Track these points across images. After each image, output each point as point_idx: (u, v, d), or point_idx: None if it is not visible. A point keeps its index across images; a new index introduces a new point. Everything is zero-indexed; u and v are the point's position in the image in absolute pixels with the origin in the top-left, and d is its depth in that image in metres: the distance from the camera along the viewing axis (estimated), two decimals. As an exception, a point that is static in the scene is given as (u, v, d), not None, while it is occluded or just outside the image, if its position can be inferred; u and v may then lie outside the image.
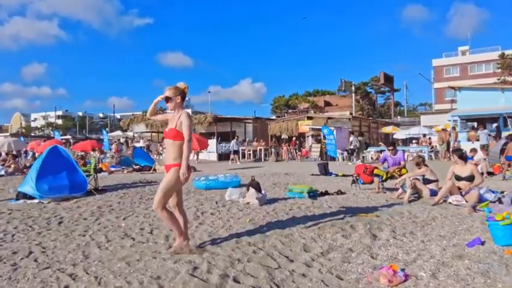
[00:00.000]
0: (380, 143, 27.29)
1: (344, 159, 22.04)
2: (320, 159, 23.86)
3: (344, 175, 12.92)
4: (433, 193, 7.34)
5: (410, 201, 7.20)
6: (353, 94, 49.84)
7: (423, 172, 7.53)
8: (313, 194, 7.68)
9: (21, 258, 4.26)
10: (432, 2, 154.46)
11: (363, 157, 23.36)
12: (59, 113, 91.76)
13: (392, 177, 8.56)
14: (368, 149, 25.35)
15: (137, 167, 17.61)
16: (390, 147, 8.79)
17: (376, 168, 8.84)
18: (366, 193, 8.37)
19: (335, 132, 20.47)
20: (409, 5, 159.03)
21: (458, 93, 23.17)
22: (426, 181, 7.53)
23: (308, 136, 27.85)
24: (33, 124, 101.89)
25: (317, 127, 27.35)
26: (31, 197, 8.35)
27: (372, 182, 8.78)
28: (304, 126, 28.90)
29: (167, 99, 4.06)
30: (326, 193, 8.05)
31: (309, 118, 30.08)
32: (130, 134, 37.73)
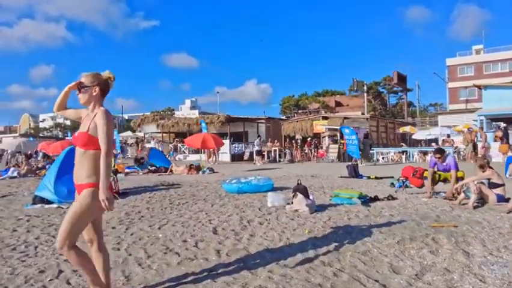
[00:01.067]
0: (402, 143, 26.41)
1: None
2: (337, 160, 23.04)
3: (376, 177, 12.09)
4: (500, 199, 6.53)
5: (474, 208, 6.39)
6: (365, 94, 48.92)
7: (489, 175, 6.71)
8: (365, 200, 6.88)
9: (50, 280, 3.53)
10: (439, 1, 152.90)
11: (377, 159, 22.52)
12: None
13: (445, 180, 7.73)
14: (388, 150, 24.50)
15: (153, 168, 16.91)
16: (438, 155, 7.75)
17: (426, 170, 8.02)
18: (418, 198, 7.54)
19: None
20: (420, 5, 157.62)
21: (483, 91, 22.22)
22: (491, 185, 6.71)
23: (324, 136, 27.00)
24: (41, 125, 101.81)
25: (334, 127, 26.51)
26: (49, 202, 7.63)
27: (422, 186, 7.95)
28: (320, 126, 28.05)
29: (80, 87, 2.86)
30: (376, 198, 7.24)
31: (325, 118, 29.23)
32: (140, 134, 37.06)
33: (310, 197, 6.23)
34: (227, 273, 3.54)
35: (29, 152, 19.99)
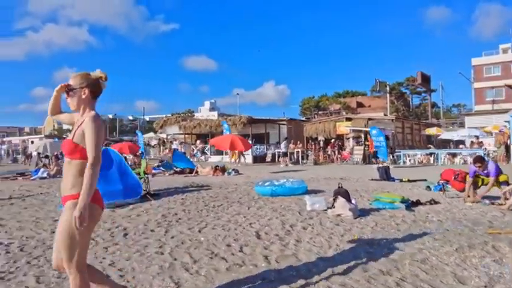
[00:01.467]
0: (430, 145, 25.76)
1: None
2: (362, 162, 22.63)
3: (409, 180, 11.73)
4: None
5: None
6: (388, 95, 48.09)
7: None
8: (407, 205, 6.59)
9: (98, 285, 3.41)
10: (460, 1, 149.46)
11: (404, 161, 22.00)
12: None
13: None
14: (413, 152, 23.93)
15: (179, 169, 16.92)
16: (478, 164, 7.28)
17: (467, 174, 7.66)
18: (461, 202, 7.21)
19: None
20: (440, 5, 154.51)
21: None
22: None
23: (348, 138, 26.58)
24: (65, 126, 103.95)
25: (358, 128, 26.09)
26: (82, 203, 7.62)
27: (464, 189, 7.60)
28: (343, 127, 27.64)
29: (68, 90, 2.56)
30: (418, 203, 6.94)
31: (348, 119, 28.79)
32: (162, 135, 37.35)
33: (353, 201, 5.99)
34: (281, 281, 3.36)
35: (56, 153, 20.27)
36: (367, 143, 24.63)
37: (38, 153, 18.53)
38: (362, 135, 25.52)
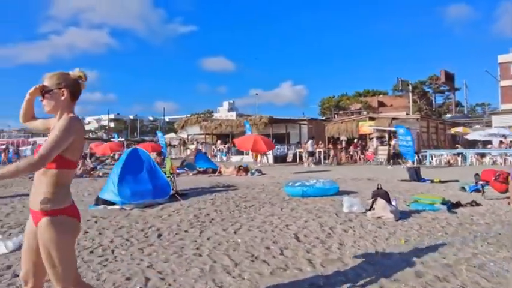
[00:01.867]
0: (457, 145, 25.02)
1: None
2: (387, 162, 22.13)
3: (440, 181, 11.34)
4: None
5: None
6: (410, 94, 47.12)
7: None
8: (449, 206, 6.29)
9: (140, 288, 3.30)
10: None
11: (430, 162, 21.39)
12: (111, 116, 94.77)
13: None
14: (440, 152, 23.27)
15: (202, 169, 16.86)
16: None
17: (509, 174, 7.29)
18: (504, 204, 6.86)
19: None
20: (462, 3, 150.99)
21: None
22: None
23: (372, 138, 26.07)
24: (87, 127, 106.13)
25: (382, 128, 25.56)
26: (111, 203, 7.58)
27: (506, 190, 7.24)
28: (366, 127, 27.11)
29: (44, 92, 2.23)
30: (459, 204, 6.63)
31: (371, 119, 28.24)
32: (183, 136, 37.52)
33: (393, 203, 5.74)
34: (330, 286, 3.18)
35: (83, 153, 20.51)
36: (391, 142, 24.14)
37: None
38: (386, 135, 25.00)
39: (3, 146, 31.80)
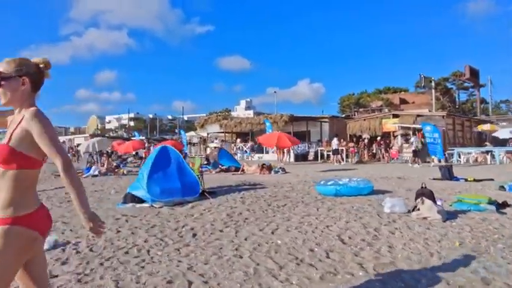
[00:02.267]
0: (487, 142, 24.20)
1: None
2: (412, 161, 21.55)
3: (475, 180, 10.85)
4: None
5: None
6: (433, 90, 45.96)
7: None
8: (496, 207, 5.91)
9: (183, 293, 3.11)
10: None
11: (457, 160, 20.69)
12: (131, 115, 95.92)
13: None
14: (468, 150, 22.53)
15: (224, 167, 16.73)
16: None
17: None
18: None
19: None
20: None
21: None
22: None
23: (397, 135, 25.45)
24: (107, 126, 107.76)
25: (407, 125, 24.94)
26: (140, 200, 7.46)
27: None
28: (390, 124, 26.50)
29: (0, 79, 1.88)
30: (506, 204, 6.23)
31: (395, 116, 27.59)
32: (203, 134, 37.55)
33: (438, 203, 5.41)
34: (391, 294, 2.91)
35: (108, 151, 20.67)
36: (411, 140, 23.54)
37: (90, 153, 18.90)
38: (411, 133, 24.38)
39: None
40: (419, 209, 5.32)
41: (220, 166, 16.89)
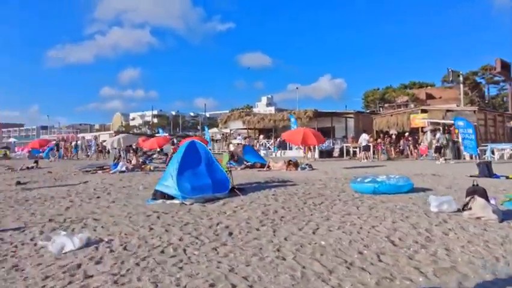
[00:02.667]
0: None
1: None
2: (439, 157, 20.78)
3: (517, 177, 10.25)
4: None
5: None
6: (461, 85, 44.47)
7: None
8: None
9: (228, 297, 2.87)
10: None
11: (491, 156, 19.78)
12: (154, 112, 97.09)
13: None
14: (502, 146, 21.58)
15: (249, 163, 16.50)
16: None
17: None
18: None
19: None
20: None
21: None
22: None
23: (426, 131, 24.66)
24: (131, 123, 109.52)
25: (437, 121, 24.13)
26: (169, 197, 7.29)
27: None
28: (419, 120, 25.70)
29: None
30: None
31: (424, 111, 26.75)
32: (226, 130, 37.46)
33: (492, 201, 5.00)
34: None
35: (134, 147, 20.76)
36: (437, 136, 22.71)
37: (118, 148, 18.99)
38: (440, 128, 23.57)
39: (71, 142, 32.99)
40: (470, 208, 4.92)
41: (245, 162, 16.67)
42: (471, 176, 10.93)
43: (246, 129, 34.76)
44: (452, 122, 22.79)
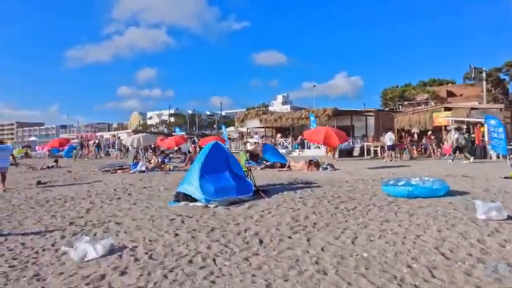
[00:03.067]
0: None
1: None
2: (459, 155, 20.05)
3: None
4: None
5: None
6: (484, 82, 43.18)
7: None
8: None
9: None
10: None
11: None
12: (171, 111, 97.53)
13: None
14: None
15: (269, 163, 16.17)
16: None
17: None
18: None
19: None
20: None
21: None
22: None
23: (450, 130, 23.89)
24: (149, 122, 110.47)
25: (461, 119, 23.35)
26: (192, 199, 7.02)
27: None
28: (442, 118, 24.91)
29: None
30: None
31: (447, 109, 25.94)
32: (242, 129, 37.20)
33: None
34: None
35: (154, 146, 20.64)
36: (473, 135, 21.97)
37: (139, 148, 18.89)
38: (465, 127, 22.81)
39: (95, 141, 33.23)
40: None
41: (264, 162, 16.35)
42: (506, 178, 10.37)
43: (263, 127, 34.43)
44: (478, 120, 22.03)
